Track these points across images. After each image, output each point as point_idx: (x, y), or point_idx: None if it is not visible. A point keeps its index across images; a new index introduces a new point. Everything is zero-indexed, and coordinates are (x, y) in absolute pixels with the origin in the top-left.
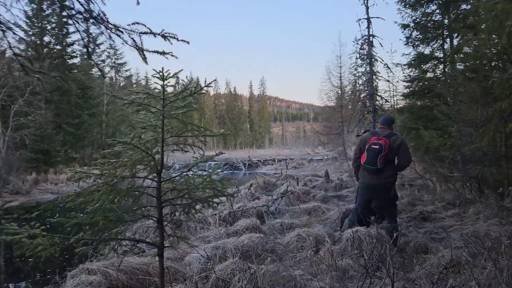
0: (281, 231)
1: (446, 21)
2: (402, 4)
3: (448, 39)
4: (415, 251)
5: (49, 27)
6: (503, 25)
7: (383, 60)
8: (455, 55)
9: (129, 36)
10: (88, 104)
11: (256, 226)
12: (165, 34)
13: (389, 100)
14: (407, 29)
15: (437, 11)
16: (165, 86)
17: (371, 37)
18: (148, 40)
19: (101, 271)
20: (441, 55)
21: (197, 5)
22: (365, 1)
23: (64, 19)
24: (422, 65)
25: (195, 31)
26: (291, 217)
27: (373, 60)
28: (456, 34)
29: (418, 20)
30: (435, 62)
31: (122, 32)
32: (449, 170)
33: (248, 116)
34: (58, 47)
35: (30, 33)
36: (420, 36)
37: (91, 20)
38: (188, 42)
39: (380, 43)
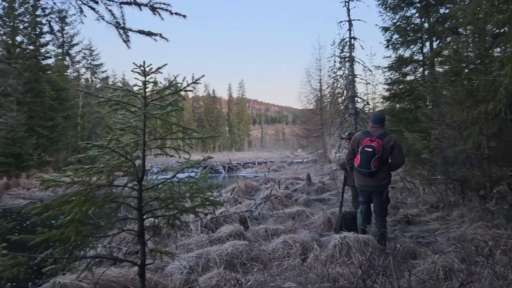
0: (266, 237)
1: (426, 24)
2: (383, 7)
3: (427, 43)
4: (403, 257)
5: (21, 26)
6: (485, 27)
7: (364, 63)
8: (435, 58)
9: (106, 7)
10: (62, 106)
11: (240, 232)
12: (155, 5)
13: (369, 103)
14: (387, 32)
15: (417, 14)
16: (147, 83)
17: (352, 40)
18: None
19: (75, 286)
20: (421, 58)
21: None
22: (347, 3)
23: (38, 18)
24: (403, 68)
25: (173, 31)
26: (275, 222)
27: (354, 62)
28: (435, 38)
29: (398, 23)
30: (415, 65)
31: (97, 2)
32: (431, 173)
33: (227, 118)
34: (31, 47)
35: (1, 32)
36: (401, 39)
37: None
38: (184, 16)
39: (361, 46)
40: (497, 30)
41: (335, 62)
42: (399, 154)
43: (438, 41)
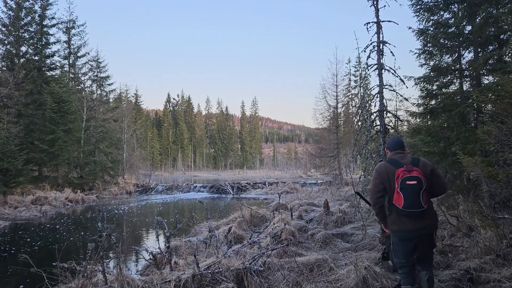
0: None
1: (469, 27)
2: (417, 7)
3: (469, 48)
4: None
5: (27, 36)
6: None
7: (395, 72)
8: (484, 66)
9: None
10: (64, 119)
11: None
12: None
13: (401, 119)
14: (423, 36)
15: (460, 14)
16: None
17: (381, 44)
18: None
19: None
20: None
21: (193, 25)
22: (375, 2)
23: (45, 29)
24: (442, 78)
25: (189, 48)
26: (285, 280)
27: (383, 71)
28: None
29: (436, 25)
30: (454, 76)
31: None
32: (493, 210)
33: (239, 136)
34: (36, 57)
35: (6, 42)
36: (438, 45)
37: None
38: None
39: (392, 52)
40: None
41: (350, 80)
42: (441, 180)
43: (484, 48)
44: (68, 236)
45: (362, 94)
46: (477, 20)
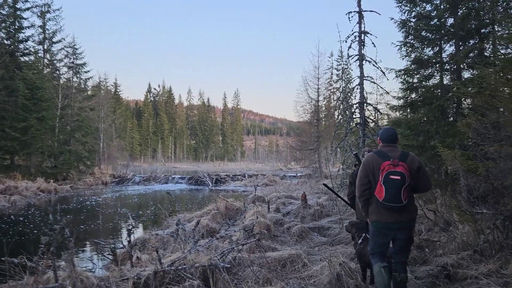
0: None
1: (451, 20)
2: None
3: (451, 42)
4: None
5: None
6: None
7: (376, 63)
8: (465, 60)
9: None
10: (37, 107)
11: None
12: None
13: (382, 112)
14: (404, 28)
15: (442, 7)
16: None
17: (362, 35)
18: None
19: None
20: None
21: (176, 16)
22: None
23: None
24: (422, 71)
25: (171, 39)
26: (255, 277)
27: (364, 62)
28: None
29: (419, 17)
30: (437, 68)
31: None
32: (470, 205)
33: (220, 128)
34: (8, 42)
35: None
36: (420, 37)
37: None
38: None
39: (373, 43)
40: None
41: (332, 74)
42: (426, 178)
43: (465, 42)
44: (32, 229)
45: (343, 87)
46: (459, 13)
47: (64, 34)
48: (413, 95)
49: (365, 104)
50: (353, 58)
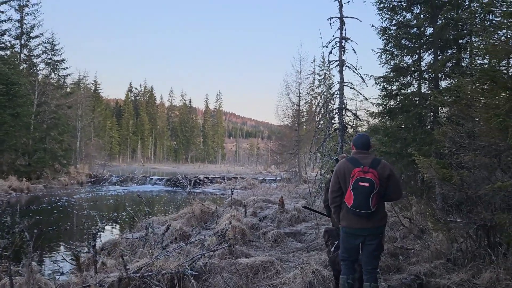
0: None
1: (430, 29)
2: (381, 5)
3: (430, 51)
4: None
5: None
6: None
7: (356, 69)
8: (443, 68)
9: None
10: (12, 103)
11: None
12: None
13: (360, 118)
14: (384, 35)
15: (422, 16)
16: None
17: (343, 41)
18: None
19: None
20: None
21: (158, 15)
22: None
23: None
24: (401, 79)
25: (154, 39)
26: (225, 285)
27: (344, 67)
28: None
29: (399, 25)
30: (416, 77)
31: None
32: (445, 213)
33: (202, 130)
34: None
35: None
36: (400, 45)
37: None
38: None
39: (354, 49)
40: None
41: (314, 79)
42: (396, 186)
43: (444, 51)
44: None
45: (324, 93)
46: (438, 22)
47: (43, 30)
48: (392, 102)
49: (344, 110)
50: (333, 63)
